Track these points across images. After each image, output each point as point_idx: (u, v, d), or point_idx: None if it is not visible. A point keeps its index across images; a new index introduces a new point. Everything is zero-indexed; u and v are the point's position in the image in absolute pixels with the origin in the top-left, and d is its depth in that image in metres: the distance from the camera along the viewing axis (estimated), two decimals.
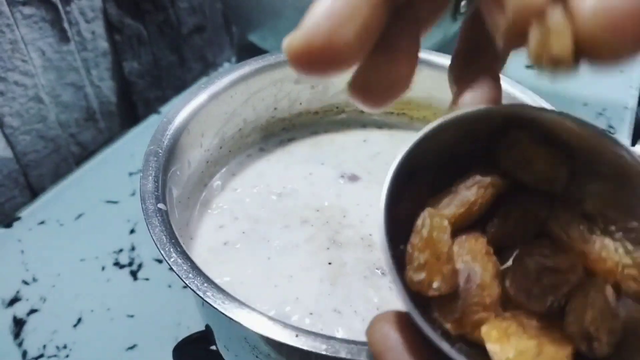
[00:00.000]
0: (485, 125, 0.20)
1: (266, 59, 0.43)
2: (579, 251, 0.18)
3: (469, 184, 0.19)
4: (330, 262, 0.38)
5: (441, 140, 0.20)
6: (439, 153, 0.20)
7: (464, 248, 0.19)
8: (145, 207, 0.31)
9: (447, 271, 0.17)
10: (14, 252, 0.50)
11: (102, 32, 0.61)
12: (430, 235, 0.18)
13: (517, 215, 0.19)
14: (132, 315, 0.45)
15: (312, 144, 0.47)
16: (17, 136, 0.56)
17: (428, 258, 0.17)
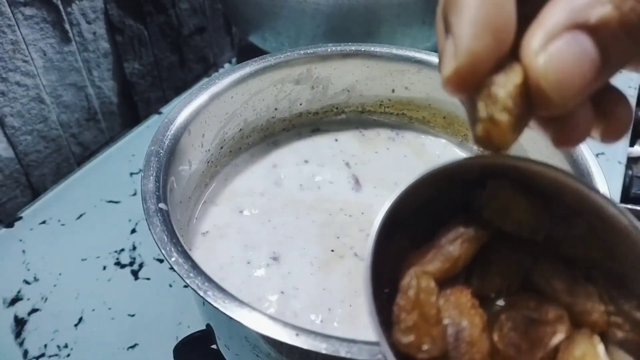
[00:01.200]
0: (466, 175, 0.20)
1: (266, 60, 0.43)
2: (565, 303, 0.18)
3: (451, 237, 0.19)
4: (333, 260, 0.38)
5: (422, 192, 0.20)
6: (420, 205, 0.20)
7: (450, 302, 0.19)
8: (147, 207, 0.31)
9: (436, 333, 0.17)
10: (16, 252, 0.50)
11: (104, 33, 0.61)
12: (418, 297, 0.18)
13: (500, 266, 0.19)
14: (133, 315, 0.45)
15: (313, 144, 0.47)
16: (18, 136, 0.56)
17: (416, 320, 0.17)
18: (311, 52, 0.44)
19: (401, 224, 0.20)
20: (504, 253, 0.20)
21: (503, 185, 0.19)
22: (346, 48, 0.44)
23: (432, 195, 0.20)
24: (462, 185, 0.20)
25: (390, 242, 0.19)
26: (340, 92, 0.47)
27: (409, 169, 0.44)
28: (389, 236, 0.19)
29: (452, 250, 0.19)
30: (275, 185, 0.43)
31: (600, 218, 0.19)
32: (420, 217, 0.20)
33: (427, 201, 0.20)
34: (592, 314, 0.18)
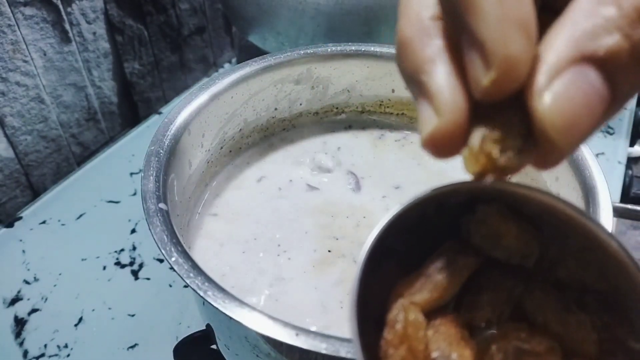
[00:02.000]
0: (454, 200, 0.19)
1: (266, 60, 0.43)
2: (556, 332, 0.18)
3: (440, 265, 0.19)
4: (330, 255, 0.38)
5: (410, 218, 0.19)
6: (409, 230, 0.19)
7: (439, 334, 0.18)
8: (147, 207, 0.31)
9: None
10: (16, 252, 0.50)
11: (104, 33, 0.61)
12: (406, 331, 0.17)
13: (490, 295, 0.19)
14: (133, 315, 0.45)
15: (312, 144, 0.47)
16: (18, 136, 0.56)
17: (404, 355, 0.17)
18: (311, 52, 0.44)
19: (390, 251, 0.19)
20: (494, 280, 0.19)
21: (492, 210, 0.19)
22: (346, 48, 0.45)
23: (421, 221, 0.20)
24: (451, 210, 0.20)
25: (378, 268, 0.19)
26: (340, 92, 0.47)
27: (409, 170, 0.44)
28: (377, 263, 0.19)
29: (441, 279, 0.19)
30: (275, 186, 0.43)
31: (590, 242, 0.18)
32: (409, 243, 0.20)
33: (416, 227, 0.20)
34: (584, 344, 0.18)
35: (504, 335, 0.18)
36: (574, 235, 0.18)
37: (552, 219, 0.19)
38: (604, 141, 0.62)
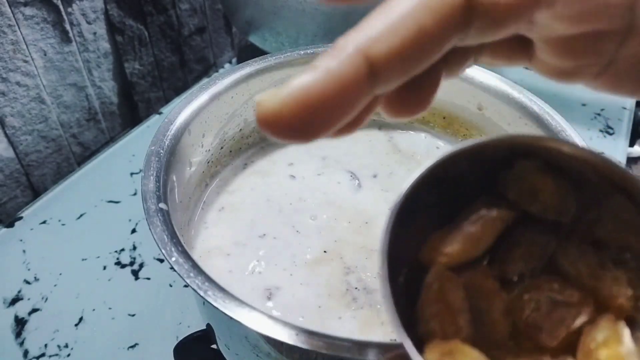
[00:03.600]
0: (490, 155, 0.19)
1: (267, 60, 0.43)
2: (589, 286, 0.18)
3: (474, 218, 0.19)
4: (328, 256, 0.38)
5: (446, 172, 0.19)
6: (442, 185, 0.19)
7: (472, 287, 0.18)
8: (147, 207, 0.31)
9: (461, 321, 0.17)
10: (16, 252, 0.50)
11: (104, 33, 0.61)
12: (442, 289, 0.18)
13: (523, 249, 0.19)
14: (133, 315, 0.45)
15: (313, 144, 0.47)
16: (19, 136, 0.56)
17: (440, 310, 0.17)
18: (311, 52, 0.44)
19: (423, 205, 0.19)
20: (528, 235, 0.19)
21: (531, 165, 0.19)
22: None
23: (457, 176, 0.19)
24: (486, 165, 0.19)
25: (411, 222, 0.19)
26: None
27: (410, 170, 0.44)
28: (410, 216, 0.18)
29: (474, 231, 0.19)
30: (275, 186, 0.43)
31: (634, 201, 0.18)
32: (443, 198, 0.19)
33: (452, 182, 0.19)
34: (617, 298, 0.18)
35: (536, 287, 0.18)
36: (617, 193, 0.18)
37: (594, 178, 0.19)
38: (603, 141, 0.62)
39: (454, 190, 0.19)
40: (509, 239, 0.19)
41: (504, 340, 0.18)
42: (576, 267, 0.18)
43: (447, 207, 0.19)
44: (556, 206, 0.19)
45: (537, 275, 0.19)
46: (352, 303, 0.35)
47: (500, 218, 0.19)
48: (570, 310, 0.18)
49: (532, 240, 0.19)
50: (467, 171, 0.19)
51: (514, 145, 0.19)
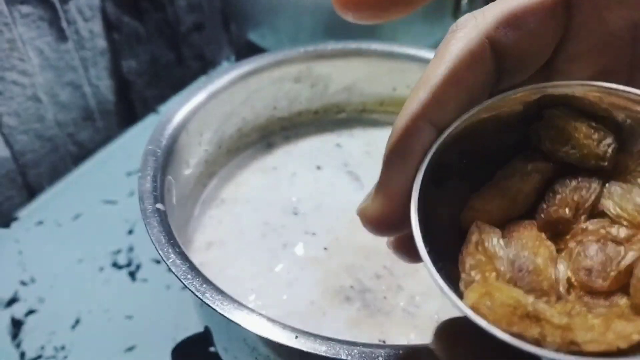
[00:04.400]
0: (520, 112, 0.19)
1: (265, 58, 0.42)
2: (636, 222, 0.17)
3: (509, 173, 0.19)
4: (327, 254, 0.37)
5: (476, 133, 0.19)
6: (478, 150, 0.19)
7: (515, 237, 0.18)
8: (144, 208, 0.31)
9: (503, 268, 0.17)
10: (12, 253, 0.49)
11: (100, 31, 0.61)
12: (481, 239, 0.18)
13: (565, 195, 0.18)
14: (130, 317, 0.44)
15: (312, 143, 0.47)
16: (14, 136, 0.55)
17: (481, 259, 0.17)
18: (311, 49, 0.43)
19: (457, 171, 0.19)
20: (569, 183, 0.19)
21: (558, 111, 0.19)
22: (347, 46, 0.44)
23: (491, 136, 0.19)
24: (516, 125, 0.19)
25: (444, 186, 0.19)
26: (340, 91, 0.46)
27: None
28: (441, 182, 0.19)
29: (511, 185, 0.19)
30: (274, 185, 0.43)
31: None
32: (480, 164, 0.19)
33: (486, 145, 0.19)
34: None
35: (582, 232, 0.18)
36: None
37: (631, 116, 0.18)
38: None
39: (493, 156, 0.19)
40: (551, 193, 0.19)
41: (551, 288, 0.17)
42: (621, 204, 0.18)
43: (487, 173, 0.19)
44: (593, 151, 0.18)
45: (582, 221, 0.18)
46: (344, 302, 0.35)
47: (536, 170, 0.19)
48: (619, 249, 0.17)
49: (574, 187, 0.18)
50: (501, 130, 0.19)
51: (543, 98, 0.19)
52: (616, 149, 0.18)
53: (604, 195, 0.18)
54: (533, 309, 0.16)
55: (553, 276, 0.17)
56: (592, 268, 0.17)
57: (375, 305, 0.35)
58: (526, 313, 0.16)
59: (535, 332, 0.16)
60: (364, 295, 0.35)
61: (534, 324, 0.16)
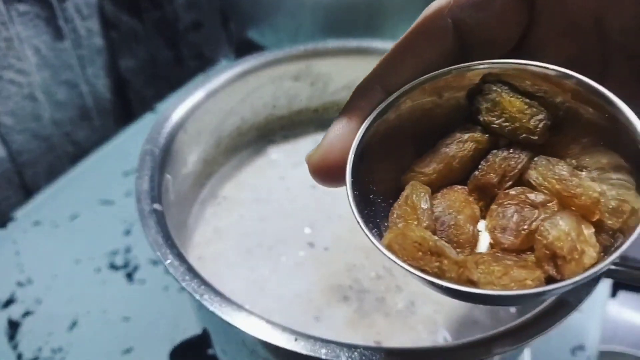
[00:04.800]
0: (467, 86, 0.21)
1: (265, 56, 0.42)
2: (554, 190, 0.19)
3: (448, 141, 0.21)
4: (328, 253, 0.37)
5: (420, 105, 0.21)
6: (420, 120, 0.21)
7: (444, 198, 0.20)
8: (141, 208, 0.31)
9: (425, 219, 0.19)
10: (9, 253, 0.49)
11: (98, 29, 0.61)
12: (410, 196, 0.20)
13: (497, 164, 0.20)
14: (128, 318, 0.44)
15: (312, 142, 0.46)
16: (11, 135, 0.55)
17: (406, 210, 0.20)
18: (311, 48, 0.43)
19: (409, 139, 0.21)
20: (502, 154, 0.20)
21: (496, 86, 0.20)
22: (346, 44, 0.44)
23: (435, 108, 0.21)
24: (465, 98, 0.21)
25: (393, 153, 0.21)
26: (340, 89, 0.46)
27: None
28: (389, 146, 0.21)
29: (448, 151, 0.20)
30: (273, 185, 0.43)
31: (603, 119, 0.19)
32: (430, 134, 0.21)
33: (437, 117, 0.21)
34: (581, 197, 0.19)
35: (504, 196, 0.20)
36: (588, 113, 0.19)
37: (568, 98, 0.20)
38: None
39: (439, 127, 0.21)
40: (484, 161, 0.21)
41: (467, 242, 0.19)
42: (544, 174, 0.19)
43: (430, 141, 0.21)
44: (524, 125, 0.20)
45: (509, 187, 0.20)
46: (342, 301, 0.35)
47: (472, 139, 0.21)
48: (533, 211, 0.19)
49: (504, 157, 0.20)
50: (444, 102, 0.21)
51: (485, 73, 0.20)
52: (547, 125, 0.20)
53: (531, 166, 0.20)
54: (435, 245, 0.18)
55: (471, 232, 0.19)
56: (507, 227, 0.19)
57: (373, 305, 0.35)
58: (429, 250, 0.18)
59: (435, 265, 0.18)
60: (362, 296, 0.35)
61: (435, 259, 0.18)
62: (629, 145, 0.18)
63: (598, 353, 0.42)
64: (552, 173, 0.19)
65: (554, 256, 0.17)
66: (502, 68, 0.20)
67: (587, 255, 0.17)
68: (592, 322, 0.44)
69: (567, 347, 0.42)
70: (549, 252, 0.18)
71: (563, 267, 0.17)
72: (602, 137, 0.19)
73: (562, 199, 0.19)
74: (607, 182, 0.19)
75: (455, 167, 0.21)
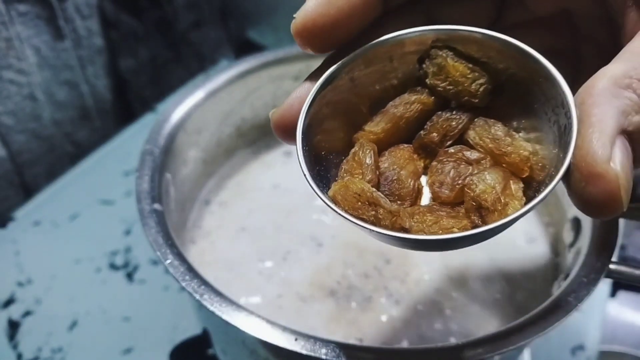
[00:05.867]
0: (415, 49, 0.22)
1: (265, 56, 0.42)
2: (488, 149, 0.21)
3: (397, 103, 0.22)
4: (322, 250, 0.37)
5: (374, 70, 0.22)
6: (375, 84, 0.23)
7: (391, 156, 0.22)
8: (141, 208, 0.31)
9: (369, 173, 0.21)
10: (9, 253, 0.49)
11: (98, 29, 0.61)
12: (357, 153, 0.21)
13: (440, 124, 0.22)
14: (128, 318, 0.44)
15: None
16: (11, 135, 0.55)
17: (352, 166, 0.21)
18: None
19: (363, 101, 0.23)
20: (445, 115, 0.22)
21: (442, 52, 0.22)
22: None
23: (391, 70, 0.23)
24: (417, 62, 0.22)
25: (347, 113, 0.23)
26: None
27: None
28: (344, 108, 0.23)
29: (395, 111, 0.22)
30: (272, 184, 0.43)
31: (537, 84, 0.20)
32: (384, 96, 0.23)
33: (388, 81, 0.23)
34: (511, 155, 0.20)
35: (444, 154, 0.22)
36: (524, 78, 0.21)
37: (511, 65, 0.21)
38: None
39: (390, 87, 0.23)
40: (429, 122, 0.22)
41: (407, 195, 0.21)
42: (480, 134, 0.21)
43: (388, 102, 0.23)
44: (466, 88, 0.21)
45: (449, 146, 0.22)
46: (328, 296, 0.35)
47: (418, 101, 0.22)
48: (468, 167, 0.21)
49: (446, 118, 0.22)
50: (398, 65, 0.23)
51: (436, 38, 0.22)
52: (488, 89, 0.21)
53: (470, 127, 0.22)
54: (372, 196, 0.20)
55: (411, 187, 0.21)
56: (444, 182, 0.21)
57: (359, 303, 0.35)
58: (367, 200, 0.20)
59: (372, 214, 0.20)
60: (349, 292, 0.35)
61: (372, 209, 0.20)
62: (558, 104, 0.20)
63: (598, 353, 0.42)
64: (487, 133, 0.21)
65: (479, 207, 0.19)
66: (438, 33, 0.21)
67: (510, 206, 0.19)
68: (592, 322, 0.44)
69: (567, 347, 0.42)
70: (475, 203, 0.19)
71: (487, 217, 0.19)
72: (537, 100, 0.21)
73: (494, 157, 0.21)
74: (542, 142, 0.20)
75: (402, 127, 0.22)
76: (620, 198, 0.18)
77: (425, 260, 0.37)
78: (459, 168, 0.21)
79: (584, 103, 0.19)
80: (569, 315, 0.26)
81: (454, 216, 0.20)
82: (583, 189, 0.18)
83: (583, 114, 0.18)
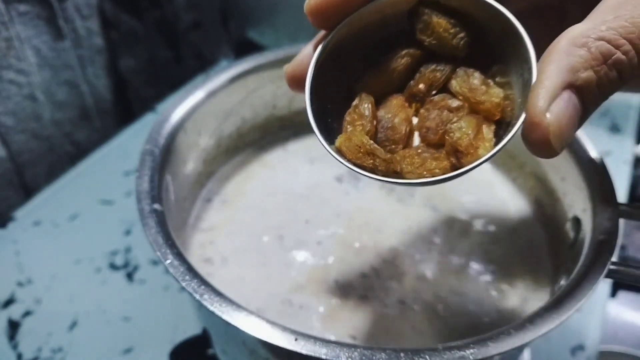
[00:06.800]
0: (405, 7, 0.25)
1: (265, 56, 0.42)
2: (466, 97, 0.24)
3: (390, 57, 0.25)
4: (320, 248, 0.37)
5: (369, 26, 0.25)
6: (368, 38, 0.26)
7: (385, 105, 0.25)
8: (141, 208, 0.31)
9: (368, 124, 0.24)
10: (9, 253, 0.49)
11: (98, 29, 0.61)
12: (357, 105, 0.25)
13: (425, 77, 0.25)
14: (128, 318, 0.44)
15: (312, 142, 0.46)
16: (11, 135, 0.55)
17: (353, 118, 0.25)
18: None
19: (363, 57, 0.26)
20: (431, 66, 0.25)
21: (429, 10, 0.24)
22: None
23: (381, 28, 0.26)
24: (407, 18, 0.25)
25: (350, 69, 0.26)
26: None
27: None
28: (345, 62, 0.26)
29: (389, 65, 0.25)
30: (273, 184, 0.43)
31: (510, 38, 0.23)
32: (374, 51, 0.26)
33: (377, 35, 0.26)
34: (485, 103, 0.23)
35: (430, 102, 0.25)
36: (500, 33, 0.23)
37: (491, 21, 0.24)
38: (610, 139, 0.61)
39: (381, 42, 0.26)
40: (417, 73, 0.25)
41: (400, 140, 0.24)
42: (460, 84, 0.24)
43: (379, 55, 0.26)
44: (449, 42, 0.24)
45: (436, 94, 0.25)
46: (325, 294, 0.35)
47: (408, 54, 0.25)
48: (450, 114, 0.24)
49: (432, 69, 0.25)
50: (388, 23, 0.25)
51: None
52: (467, 42, 0.24)
53: (453, 77, 0.24)
54: (370, 148, 0.23)
55: (404, 132, 0.24)
56: (430, 127, 0.24)
57: (355, 302, 0.35)
58: (366, 151, 0.23)
59: (370, 163, 0.23)
60: (346, 291, 0.35)
61: (370, 158, 0.23)
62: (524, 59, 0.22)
63: (598, 353, 0.42)
64: (466, 83, 0.24)
65: (456, 151, 0.23)
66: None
67: (481, 149, 0.22)
68: (592, 322, 0.44)
69: (567, 347, 0.42)
70: (452, 147, 0.23)
71: (462, 159, 0.22)
72: (509, 53, 0.23)
73: (471, 104, 0.24)
74: (513, 88, 0.23)
75: (395, 79, 0.25)
76: (551, 143, 0.21)
77: (423, 260, 0.37)
78: (442, 115, 0.24)
79: (543, 61, 0.21)
80: (569, 315, 0.26)
81: (436, 157, 0.23)
82: (527, 135, 0.21)
83: (539, 70, 0.21)
